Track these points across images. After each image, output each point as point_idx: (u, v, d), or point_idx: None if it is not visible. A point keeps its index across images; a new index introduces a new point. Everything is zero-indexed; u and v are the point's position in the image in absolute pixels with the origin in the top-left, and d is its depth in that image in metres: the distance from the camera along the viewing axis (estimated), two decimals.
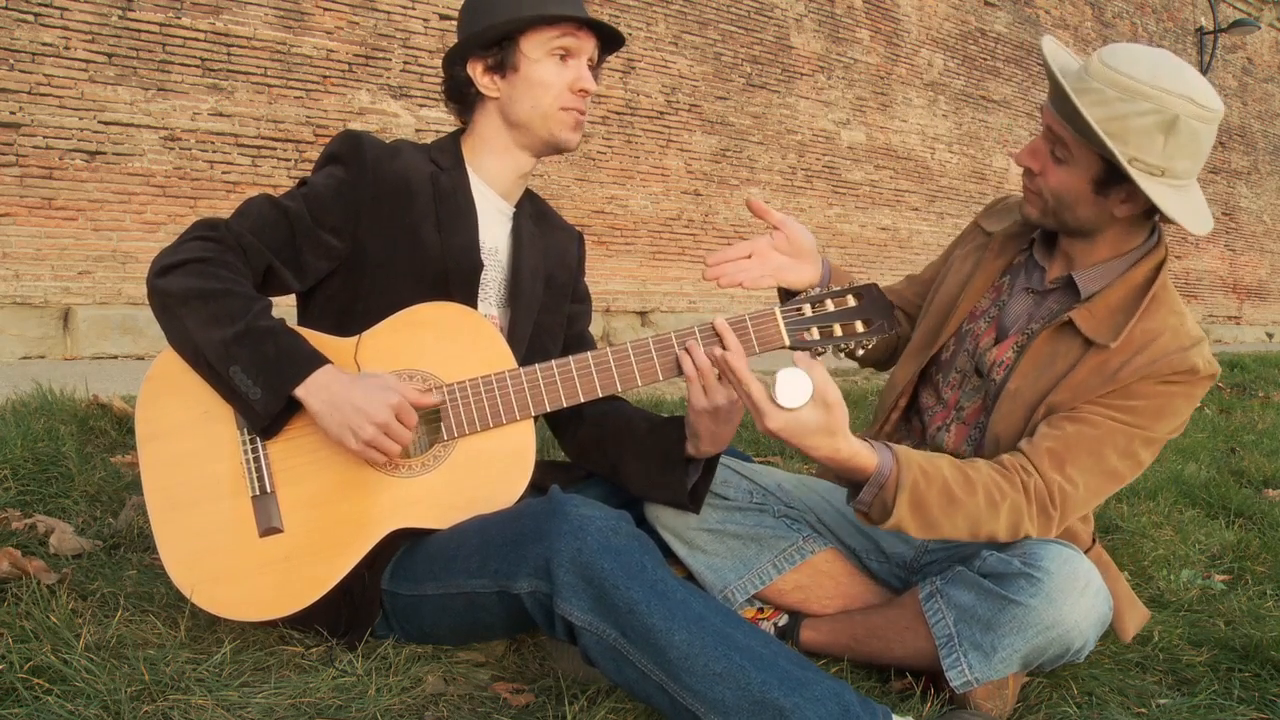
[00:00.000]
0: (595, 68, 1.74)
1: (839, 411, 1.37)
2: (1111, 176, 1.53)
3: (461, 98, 1.73)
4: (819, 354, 1.58)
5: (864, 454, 1.43)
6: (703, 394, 1.54)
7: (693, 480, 1.68)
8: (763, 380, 1.38)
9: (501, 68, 1.67)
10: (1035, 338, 1.65)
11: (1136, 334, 1.57)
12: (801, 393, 1.34)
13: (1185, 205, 1.55)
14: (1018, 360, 1.67)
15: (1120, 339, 1.56)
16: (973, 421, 1.75)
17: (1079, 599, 1.47)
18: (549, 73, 1.66)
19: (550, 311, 1.81)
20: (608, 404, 1.77)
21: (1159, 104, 1.45)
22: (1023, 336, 1.70)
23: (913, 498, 1.45)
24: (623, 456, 1.71)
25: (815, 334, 1.57)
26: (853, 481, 1.50)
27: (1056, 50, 1.61)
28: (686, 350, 1.54)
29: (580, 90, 1.67)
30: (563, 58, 1.66)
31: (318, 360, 1.48)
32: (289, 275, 1.61)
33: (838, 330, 1.57)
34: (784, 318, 1.57)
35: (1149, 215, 1.62)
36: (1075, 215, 1.61)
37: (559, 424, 1.81)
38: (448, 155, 1.72)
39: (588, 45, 1.68)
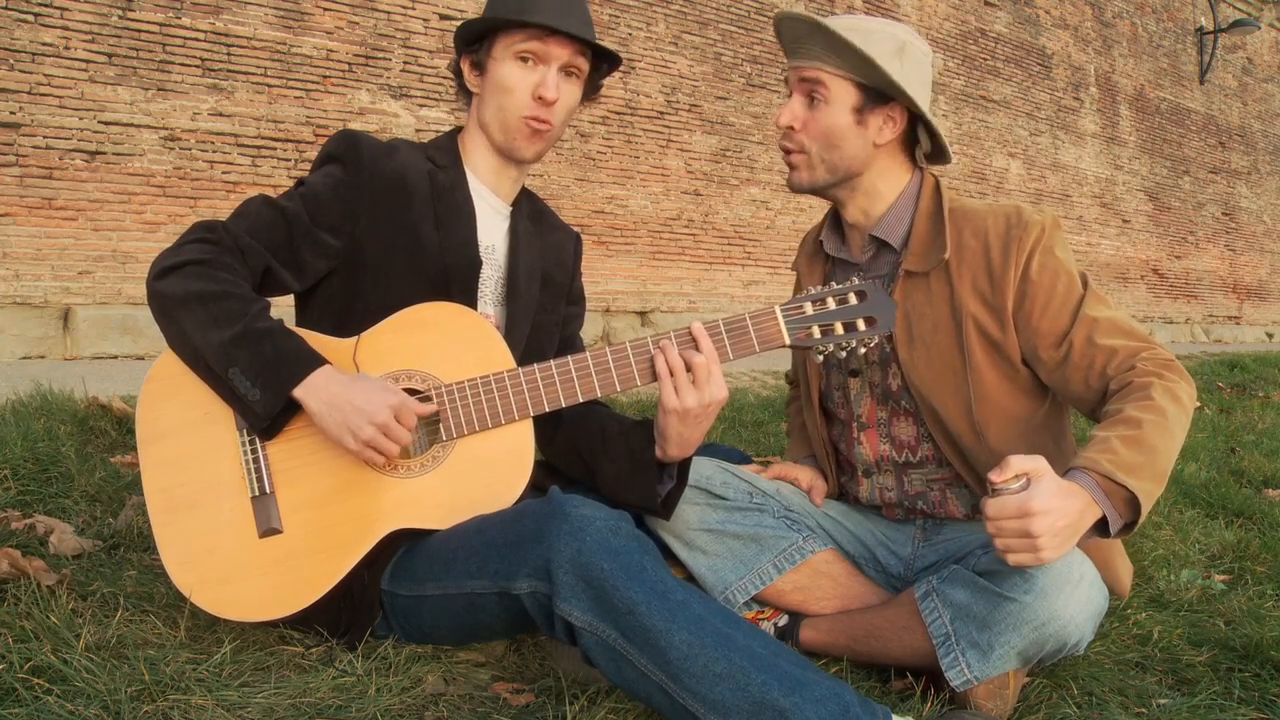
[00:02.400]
0: (592, 80, 1.73)
1: (1047, 468, 1.38)
2: (868, 100, 1.68)
3: (460, 90, 1.76)
4: (820, 353, 1.57)
5: (1076, 486, 1.41)
6: (673, 394, 1.53)
7: (666, 489, 1.67)
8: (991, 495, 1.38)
9: (480, 66, 1.69)
10: None
11: (968, 240, 1.68)
12: (1005, 473, 1.35)
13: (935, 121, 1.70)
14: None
15: (950, 249, 1.68)
16: (873, 422, 1.80)
17: (1073, 593, 1.47)
18: (513, 76, 1.65)
19: (546, 311, 1.81)
20: (585, 409, 1.77)
21: (888, 33, 1.66)
22: (869, 282, 1.74)
23: (1121, 465, 1.42)
24: (595, 460, 1.70)
25: (817, 333, 1.56)
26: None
27: (792, 10, 1.72)
28: (660, 349, 1.54)
29: (539, 97, 1.64)
30: (528, 61, 1.65)
31: (316, 361, 1.48)
32: (288, 276, 1.61)
33: (839, 328, 1.56)
34: (784, 316, 1.56)
35: (908, 149, 1.75)
36: (843, 154, 1.70)
37: (538, 428, 1.77)
38: (445, 153, 1.73)
39: (559, 53, 1.65)
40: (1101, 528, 1.44)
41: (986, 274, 1.66)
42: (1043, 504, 1.34)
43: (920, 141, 1.74)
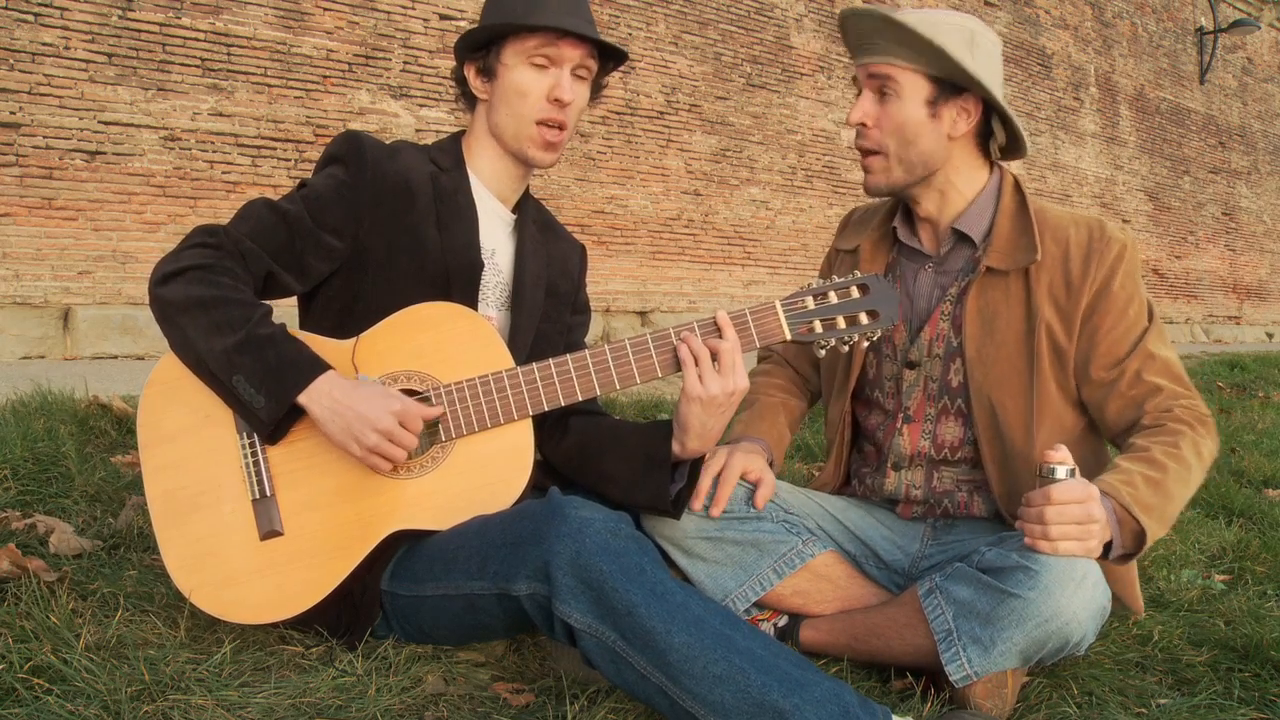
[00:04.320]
0: (596, 79, 1.73)
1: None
2: (941, 93, 1.67)
3: (464, 96, 1.76)
4: (822, 347, 1.56)
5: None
6: (698, 381, 1.53)
7: (677, 487, 1.66)
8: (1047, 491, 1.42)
9: (488, 72, 1.68)
10: (964, 299, 1.72)
11: (1049, 245, 1.70)
12: (1060, 453, 1.39)
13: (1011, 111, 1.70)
14: (956, 327, 1.73)
15: (1040, 252, 1.67)
16: (920, 417, 1.79)
17: (1076, 591, 1.47)
18: (526, 80, 1.64)
19: (551, 320, 1.81)
20: (594, 416, 1.77)
21: (956, 24, 1.65)
22: (947, 304, 1.75)
23: (1139, 500, 1.48)
24: (605, 460, 1.69)
25: (818, 327, 1.55)
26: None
27: (858, 6, 1.71)
28: (683, 339, 1.54)
29: (555, 99, 1.64)
30: (542, 66, 1.64)
31: (320, 366, 1.48)
32: (290, 278, 1.61)
33: (841, 323, 1.55)
34: (785, 311, 1.56)
35: (982, 144, 1.74)
36: (919, 149, 1.69)
37: (545, 435, 1.78)
38: (448, 156, 1.73)
39: (571, 55, 1.64)
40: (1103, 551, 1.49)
41: (1064, 281, 1.68)
42: (1098, 492, 1.41)
43: (995, 134, 1.73)
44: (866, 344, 1.57)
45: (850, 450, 1.91)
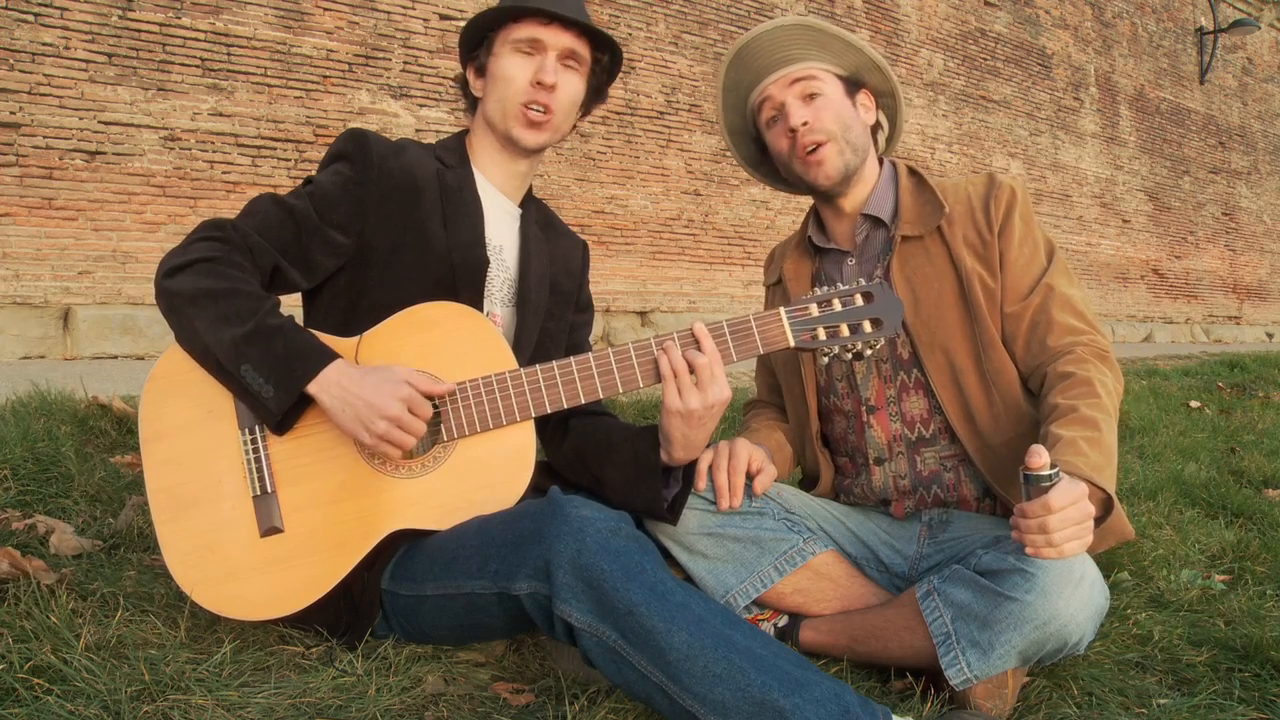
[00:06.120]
0: (597, 80, 1.74)
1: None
2: (849, 87, 1.84)
3: (466, 99, 1.79)
4: (825, 354, 1.57)
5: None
6: (677, 395, 1.53)
7: (672, 492, 1.66)
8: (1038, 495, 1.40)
9: (481, 69, 1.71)
10: (889, 275, 1.78)
11: (954, 204, 1.81)
12: (1043, 458, 1.39)
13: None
14: None
15: (948, 205, 1.79)
16: (882, 402, 1.82)
17: (1074, 593, 1.47)
18: (511, 66, 1.66)
19: (555, 318, 1.81)
20: (592, 416, 1.77)
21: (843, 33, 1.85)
22: (875, 283, 1.79)
23: (1094, 467, 1.51)
24: (603, 467, 1.69)
25: (822, 334, 1.56)
26: None
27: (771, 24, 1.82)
28: (663, 350, 1.54)
29: (537, 83, 1.65)
30: (527, 53, 1.66)
31: (328, 355, 1.48)
32: (296, 274, 1.61)
33: (844, 330, 1.55)
34: (789, 318, 1.56)
35: (873, 136, 1.90)
36: (856, 134, 1.82)
37: (546, 436, 1.80)
38: (453, 154, 1.74)
39: (556, 41, 1.66)
40: None
41: (975, 230, 1.78)
42: (1086, 487, 1.43)
43: (882, 126, 1.91)
44: (870, 352, 1.57)
45: (834, 473, 1.93)
